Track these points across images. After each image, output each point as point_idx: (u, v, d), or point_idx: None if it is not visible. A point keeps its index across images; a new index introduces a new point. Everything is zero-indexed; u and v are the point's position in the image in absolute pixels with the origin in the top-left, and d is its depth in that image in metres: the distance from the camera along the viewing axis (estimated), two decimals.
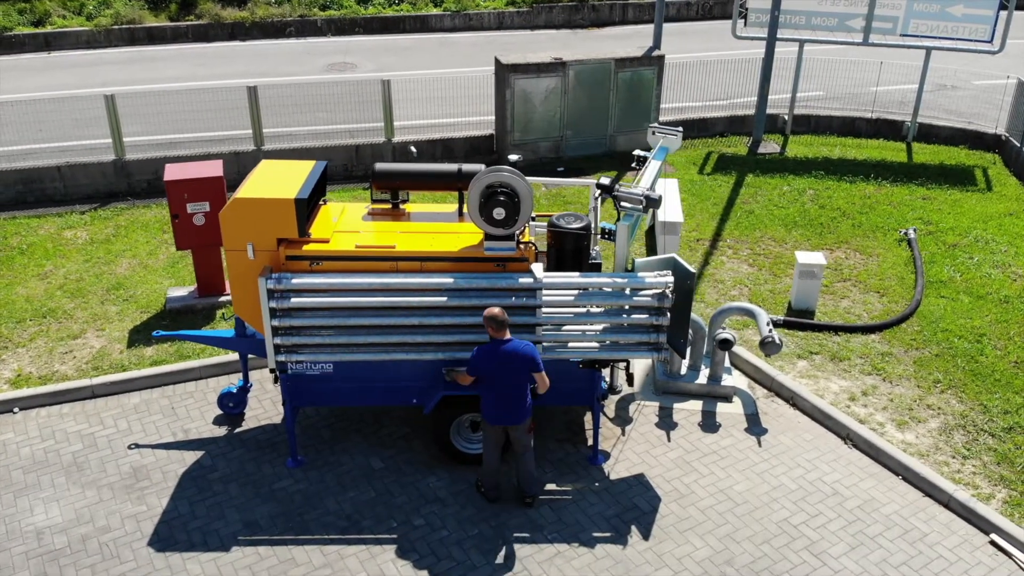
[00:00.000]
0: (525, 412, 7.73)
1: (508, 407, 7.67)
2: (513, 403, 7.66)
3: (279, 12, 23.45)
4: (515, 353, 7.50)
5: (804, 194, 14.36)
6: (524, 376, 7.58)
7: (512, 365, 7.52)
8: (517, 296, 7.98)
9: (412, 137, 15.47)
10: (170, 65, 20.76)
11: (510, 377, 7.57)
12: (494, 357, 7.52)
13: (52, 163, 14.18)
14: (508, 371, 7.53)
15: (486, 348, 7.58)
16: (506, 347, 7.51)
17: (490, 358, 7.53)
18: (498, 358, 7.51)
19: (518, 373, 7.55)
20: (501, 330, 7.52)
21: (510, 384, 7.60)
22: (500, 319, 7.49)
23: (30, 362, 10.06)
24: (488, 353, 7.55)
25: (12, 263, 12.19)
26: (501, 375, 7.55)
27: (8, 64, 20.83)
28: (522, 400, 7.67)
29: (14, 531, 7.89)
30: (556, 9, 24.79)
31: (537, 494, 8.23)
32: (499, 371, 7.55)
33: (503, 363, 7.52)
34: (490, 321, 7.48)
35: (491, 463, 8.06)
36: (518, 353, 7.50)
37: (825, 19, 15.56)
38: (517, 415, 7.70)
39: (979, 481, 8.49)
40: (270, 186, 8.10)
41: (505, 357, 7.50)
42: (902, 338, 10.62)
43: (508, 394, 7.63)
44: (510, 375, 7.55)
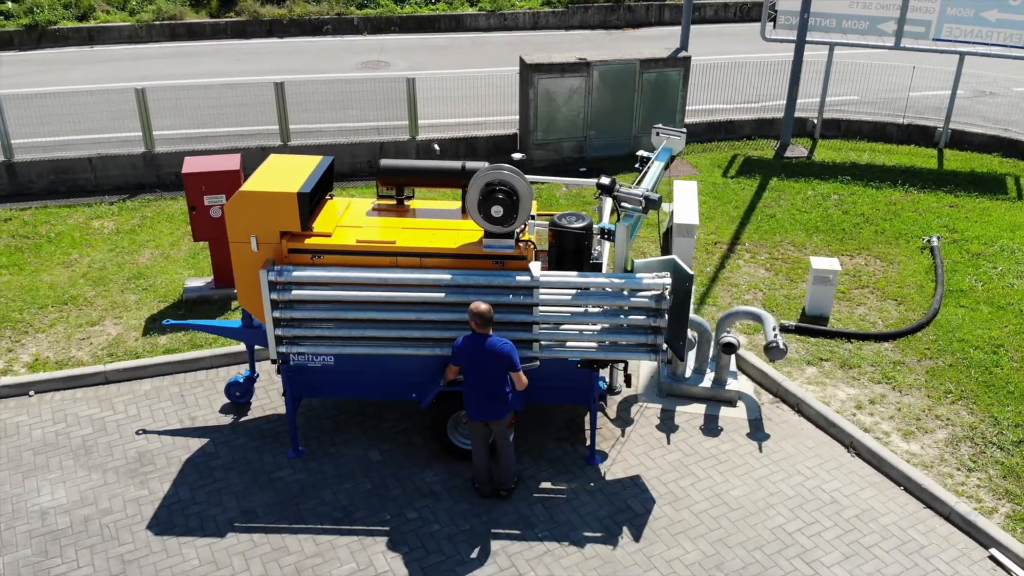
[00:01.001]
0: (505, 408, 7.80)
1: (487, 402, 7.77)
2: (492, 398, 7.74)
3: (316, 10, 23.73)
4: (492, 350, 7.59)
5: (828, 199, 14.17)
6: (502, 372, 7.66)
7: (490, 361, 7.62)
8: (514, 294, 8.01)
9: (436, 135, 15.57)
10: (208, 61, 21.12)
11: (488, 372, 7.65)
12: (474, 350, 7.63)
13: (84, 154, 14.54)
14: (486, 366, 7.63)
15: (469, 339, 7.68)
16: (486, 343, 7.61)
17: (470, 350, 7.64)
18: (477, 352, 7.62)
19: (495, 369, 7.63)
20: (485, 327, 7.59)
21: (488, 380, 7.68)
22: (486, 316, 7.55)
23: (48, 347, 10.34)
24: (469, 345, 7.66)
25: (39, 251, 12.52)
26: (479, 370, 7.66)
27: (52, 57, 21.37)
28: (500, 396, 7.75)
29: (20, 510, 8.12)
30: (592, 9, 24.74)
31: (511, 487, 8.29)
32: (478, 365, 7.66)
33: (481, 358, 7.63)
34: (475, 316, 7.55)
35: (479, 459, 8.12)
36: (495, 350, 7.59)
37: (856, 22, 15.33)
38: (496, 410, 7.79)
39: (983, 494, 8.32)
40: (275, 180, 8.23)
41: (484, 352, 7.60)
42: (916, 347, 10.44)
43: (487, 390, 7.72)
44: (488, 370, 7.64)
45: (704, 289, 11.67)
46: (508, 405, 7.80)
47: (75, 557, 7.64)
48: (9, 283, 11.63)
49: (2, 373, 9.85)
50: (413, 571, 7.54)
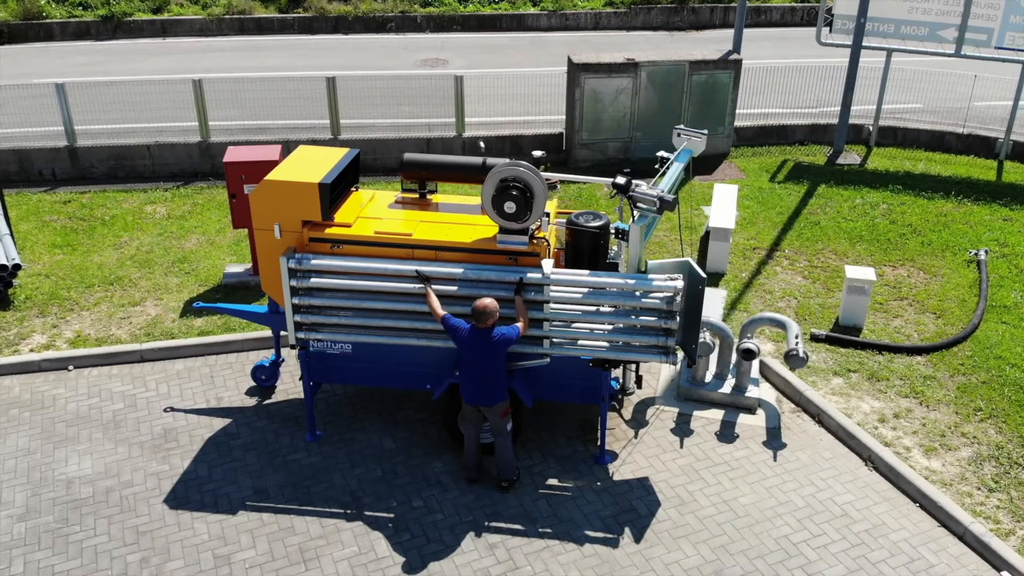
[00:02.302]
0: (497, 395, 7.93)
1: (481, 388, 7.90)
2: (485, 384, 7.88)
3: (381, 7, 24.11)
4: (485, 341, 7.73)
5: (876, 208, 13.84)
6: (497, 359, 7.79)
7: (487, 352, 7.75)
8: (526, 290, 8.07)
9: (483, 133, 15.69)
10: (273, 55, 21.65)
11: (478, 362, 7.81)
12: (474, 340, 7.78)
13: (143, 142, 15.09)
14: (483, 356, 7.77)
15: (464, 323, 7.84)
16: (484, 335, 7.76)
17: (471, 339, 7.78)
18: (476, 342, 7.77)
19: (485, 359, 7.76)
20: (481, 321, 7.72)
21: (483, 366, 7.83)
22: (479, 311, 7.68)
23: (91, 324, 10.78)
24: (471, 334, 7.78)
25: (93, 233, 13.05)
26: (476, 358, 7.80)
27: (126, 48, 22.19)
28: (494, 383, 7.88)
29: (47, 478, 8.50)
30: (655, 11, 24.58)
31: (512, 478, 8.37)
32: (475, 354, 7.80)
33: (479, 348, 7.76)
34: (474, 310, 7.72)
35: (470, 442, 8.32)
36: (488, 341, 7.73)
37: (915, 28, 14.92)
38: (489, 396, 7.92)
39: (1001, 516, 8.06)
40: (299, 170, 8.44)
41: (482, 344, 7.75)
42: (950, 362, 10.15)
43: (481, 375, 7.86)
44: (477, 360, 7.80)
45: (737, 294, 11.54)
46: (501, 393, 7.93)
47: (93, 525, 7.97)
48: (62, 263, 12.15)
49: (45, 348, 10.32)
50: (412, 558, 7.67)
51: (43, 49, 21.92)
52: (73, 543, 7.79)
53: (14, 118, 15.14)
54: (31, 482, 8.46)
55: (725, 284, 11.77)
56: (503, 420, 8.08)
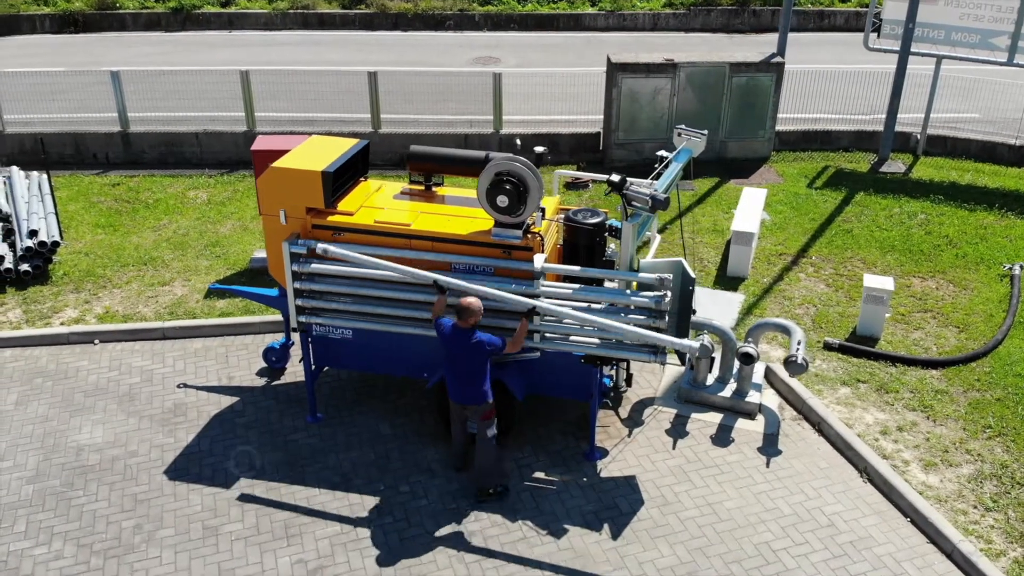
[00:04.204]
0: (477, 396, 7.94)
1: (461, 386, 7.95)
2: (465, 383, 7.92)
3: (440, 5, 24.41)
4: (465, 341, 7.75)
5: (914, 218, 13.48)
6: (477, 361, 7.82)
7: (462, 351, 7.79)
8: (517, 283, 8.16)
9: (521, 130, 15.78)
10: (332, 50, 22.12)
11: (457, 360, 7.88)
12: (455, 340, 7.82)
13: (192, 130, 15.64)
14: (464, 357, 7.83)
15: (447, 322, 7.89)
16: (466, 336, 7.78)
17: (452, 338, 7.83)
18: (457, 342, 7.81)
19: (464, 359, 7.82)
20: (461, 319, 7.76)
21: (457, 367, 7.91)
22: (461, 308, 7.72)
23: (120, 301, 11.26)
24: (453, 333, 7.83)
25: (135, 215, 13.60)
26: (457, 358, 7.86)
27: (193, 39, 22.96)
28: (473, 384, 7.90)
29: (60, 445, 8.95)
30: (714, 12, 24.31)
31: (485, 487, 8.23)
32: (456, 354, 7.86)
33: (460, 349, 7.80)
34: (457, 306, 7.77)
35: (455, 436, 8.44)
36: (468, 342, 7.74)
37: (966, 35, 14.47)
38: (468, 396, 7.95)
39: (994, 536, 7.83)
40: (306, 159, 8.69)
41: (462, 345, 7.78)
42: (966, 377, 9.86)
43: (461, 373, 7.90)
44: (457, 358, 7.87)
45: (755, 299, 11.41)
46: (482, 396, 7.93)
47: (95, 491, 8.37)
48: (102, 242, 12.71)
49: (75, 322, 10.83)
50: (391, 540, 7.85)
51: (115, 39, 22.85)
52: (75, 507, 8.19)
53: (73, 103, 15.87)
54: (44, 447, 8.91)
55: (745, 289, 11.65)
56: (484, 424, 8.05)
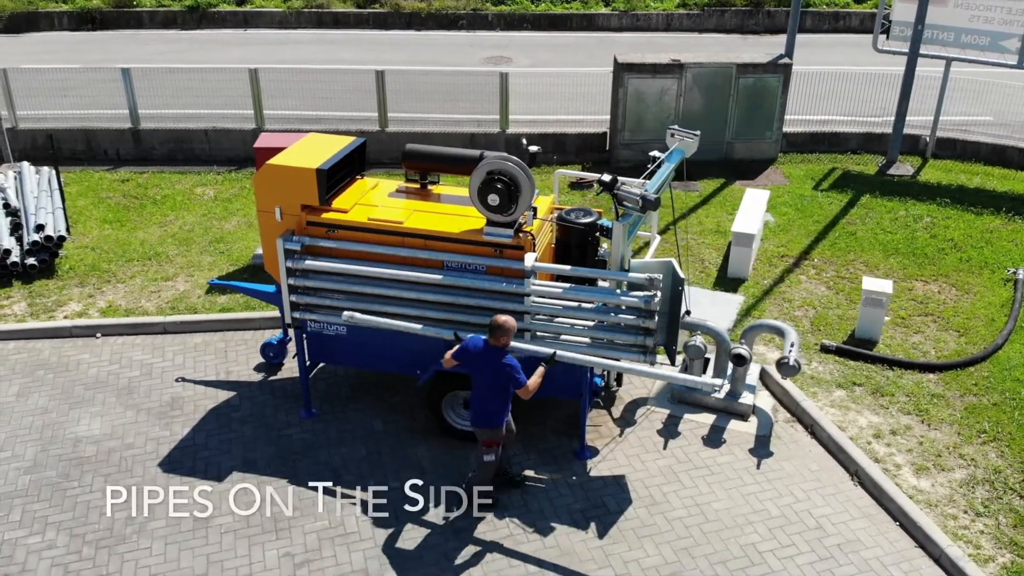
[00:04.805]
0: (481, 420, 7.72)
1: (473, 404, 7.79)
2: (479, 402, 7.70)
3: (454, 5, 24.48)
4: (493, 361, 7.49)
5: (919, 221, 13.39)
6: (492, 385, 7.59)
7: (487, 371, 7.54)
8: (507, 282, 8.20)
9: (528, 130, 15.82)
10: (345, 48, 22.24)
11: (481, 381, 7.65)
12: (476, 353, 7.59)
13: (201, 127, 15.79)
14: (480, 374, 7.61)
15: (476, 340, 7.67)
16: (492, 352, 7.53)
17: (472, 352, 7.61)
18: (478, 356, 7.58)
19: (487, 380, 7.58)
20: (493, 336, 7.50)
21: (480, 388, 7.68)
22: (495, 325, 7.48)
23: (123, 296, 11.40)
24: (474, 346, 7.62)
25: (142, 211, 13.76)
26: (475, 374, 7.69)
27: (209, 37, 23.17)
28: (483, 406, 7.67)
29: (58, 436, 9.07)
30: (728, 13, 24.22)
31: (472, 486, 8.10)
32: (475, 370, 7.66)
33: (479, 363, 7.58)
34: (491, 323, 7.55)
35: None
36: (496, 363, 7.48)
37: (976, 37, 14.34)
38: (477, 415, 7.75)
39: (984, 541, 7.78)
40: (301, 156, 8.77)
41: (483, 361, 7.54)
42: (963, 382, 9.80)
43: (476, 394, 7.72)
44: (481, 379, 7.63)
45: (754, 301, 11.38)
46: (488, 421, 7.68)
47: (90, 482, 8.48)
48: (108, 237, 12.86)
49: (78, 315, 10.97)
50: (377, 535, 7.90)
51: (131, 36, 23.10)
52: (69, 497, 8.31)
53: (85, 100, 16.06)
54: (43, 439, 9.03)
55: (744, 290, 11.62)
56: (483, 449, 7.82)
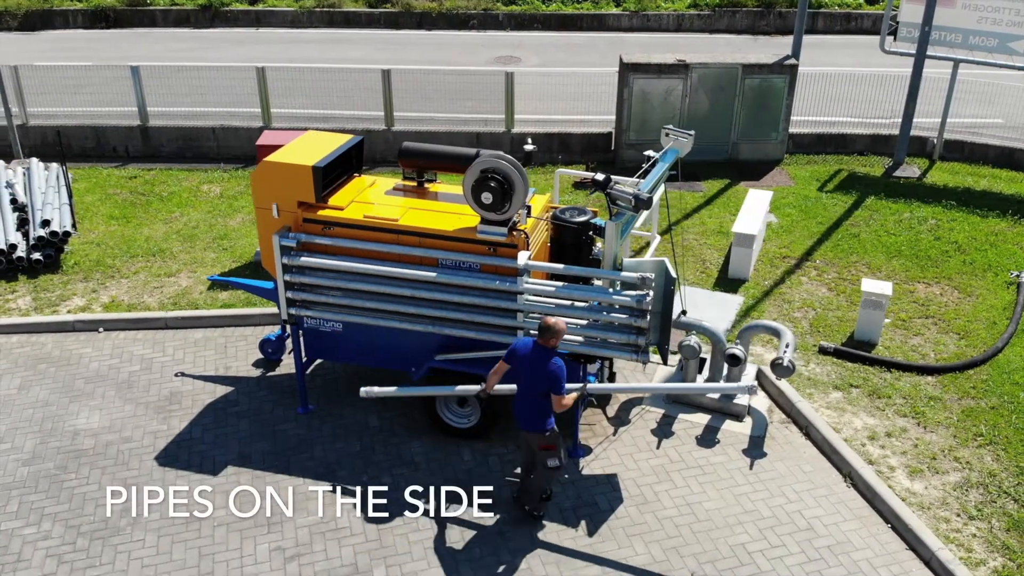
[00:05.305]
0: (534, 423, 7.61)
1: (521, 409, 7.67)
2: (525, 407, 7.63)
3: (465, 5, 24.52)
4: (540, 362, 7.41)
5: (923, 223, 13.31)
6: (539, 387, 7.46)
7: (533, 372, 7.45)
8: (501, 280, 8.22)
9: (533, 130, 15.84)
10: (356, 47, 22.32)
11: (528, 382, 7.55)
12: (531, 359, 7.48)
13: (209, 124, 15.91)
14: (528, 375, 7.52)
15: (526, 341, 7.64)
16: (540, 352, 7.45)
17: (527, 358, 7.50)
18: (533, 362, 7.47)
19: (534, 382, 7.48)
20: (543, 337, 7.44)
21: (526, 389, 7.59)
22: (545, 327, 7.41)
23: (126, 291, 11.51)
24: (524, 346, 7.56)
25: (148, 207, 13.88)
26: (522, 375, 7.58)
27: (221, 36, 23.32)
28: (532, 409, 7.57)
29: (57, 429, 9.17)
30: (739, 14, 24.13)
31: (533, 509, 8.04)
32: (527, 375, 7.54)
33: (528, 364, 7.48)
34: (541, 325, 7.49)
35: (522, 465, 8.23)
36: (543, 365, 7.39)
37: (984, 39, 14.24)
38: (525, 421, 7.66)
39: (976, 544, 7.74)
40: (298, 154, 8.83)
41: (531, 361, 7.46)
42: (962, 385, 9.74)
43: (523, 397, 7.63)
44: (528, 380, 7.54)
45: (754, 302, 11.36)
46: (540, 424, 7.59)
47: (87, 475, 8.57)
48: (114, 233, 12.99)
49: (81, 310, 11.09)
50: (369, 531, 7.95)
51: (144, 35, 23.28)
52: (66, 489, 8.40)
53: (95, 98, 16.22)
54: (42, 431, 9.14)
55: (744, 291, 11.60)
56: (544, 454, 7.69)
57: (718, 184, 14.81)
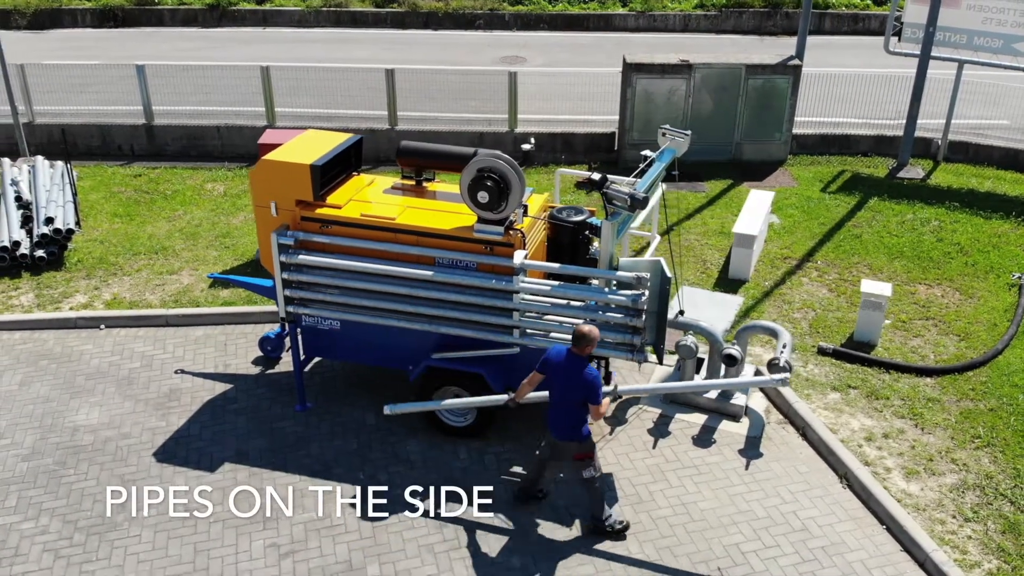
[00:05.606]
0: (569, 433, 7.53)
1: (555, 418, 7.59)
2: (559, 417, 7.55)
3: (471, 5, 24.55)
4: (575, 371, 7.32)
5: (926, 225, 13.27)
6: (573, 396, 7.38)
7: (568, 381, 7.37)
8: (497, 279, 8.24)
9: (537, 130, 15.85)
10: (362, 47, 22.38)
11: (561, 391, 7.47)
12: (559, 363, 7.43)
13: (214, 123, 15.98)
14: (562, 384, 7.43)
15: (559, 349, 7.53)
16: (574, 361, 7.36)
17: (561, 366, 7.41)
18: (567, 370, 7.38)
19: (568, 390, 7.39)
20: (577, 346, 7.34)
21: (559, 398, 7.51)
22: (579, 335, 7.31)
23: (129, 288, 11.58)
24: (557, 355, 7.47)
25: (152, 205, 13.95)
26: (556, 384, 7.50)
27: (228, 35, 23.43)
28: (566, 418, 7.50)
29: (57, 425, 9.24)
30: (746, 14, 24.10)
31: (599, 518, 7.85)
32: (556, 379, 7.47)
33: (562, 373, 7.40)
34: (575, 333, 7.37)
35: (533, 466, 8.14)
36: (577, 373, 7.31)
37: (988, 40, 14.19)
38: (559, 431, 7.58)
39: (970, 547, 7.72)
40: (297, 152, 8.87)
41: (565, 370, 7.37)
42: (961, 386, 9.71)
43: (557, 406, 7.56)
44: (561, 389, 7.45)
45: (753, 302, 11.34)
46: (572, 433, 7.52)
47: (86, 471, 8.63)
48: (118, 231, 13.07)
49: (83, 307, 11.16)
50: (363, 527, 7.98)
51: (152, 34, 23.40)
52: (64, 484, 8.46)
53: (101, 96, 16.31)
54: (42, 427, 9.20)
55: (745, 292, 11.58)
56: (578, 464, 7.64)
57: (721, 184, 14.80)
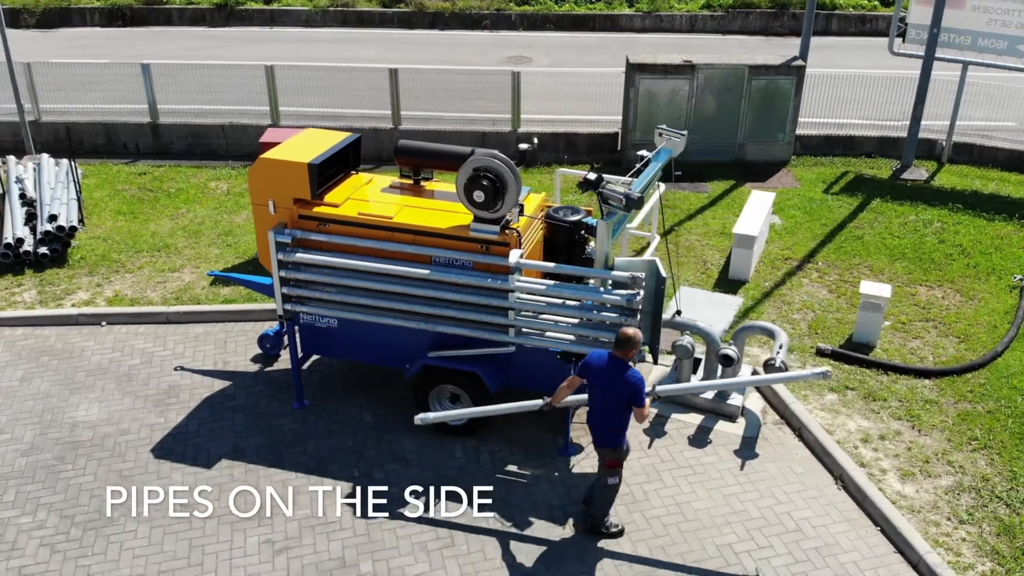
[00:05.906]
0: (608, 439, 7.48)
1: (596, 424, 7.54)
2: (599, 422, 7.50)
3: (478, 5, 24.57)
4: (617, 374, 7.24)
5: (928, 226, 13.23)
6: (615, 400, 7.32)
7: (609, 385, 7.31)
8: (492, 278, 8.27)
9: (540, 129, 15.86)
10: (369, 47, 22.42)
11: (601, 395, 7.39)
12: (600, 367, 7.35)
13: (218, 122, 16.05)
14: (602, 388, 7.37)
15: (600, 353, 7.46)
16: (616, 364, 7.29)
17: (596, 365, 7.37)
18: (608, 374, 7.31)
19: (609, 394, 7.33)
20: (620, 349, 7.27)
21: (599, 402, 7.43)
22: (623, 339, 7.25)
23: (130, 286, 11.64)
24: (598, 359, 7.40)
25: (156, 203, 14.03)
26: (595, 389, 7.44)
27: (235, 35, 23.51)
28: (608, 424, 7.43)
29: (56, 420, 9.31)
30: (753, 15, 24.05)
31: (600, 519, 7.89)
32: (597, 384, 7.41)
33: (602, 377, 7.34)
34: (619, 336, 7.31)
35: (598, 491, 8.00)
36: (620, 377, 7.23)
37: (993, 41, 14.13)
38: (599, 437, 7.52)
39: (964, 549, 7.69)
40: (295, 151, 8.91)
41: (607, 374, 7.30)
42: (959, 388, 9.68)
43: (597, 411, 7.50)
44: (601, 393, 7.38)
45: (753, 303, 11.33)
46: (609, 440, 7.47)
47: (84, 466, 8.69)
48: (121, 228, 13.14)
49: (85, 304, 11.23)
50: (357, 525, 8.02)
51: (160, 33, 23.50)
52: (62, 479, 8.53)
53: (107, 95, 16.40)
54: (42, 422, 9.27)
55: (744, 292, 11.57)
56: (609, 471, 7.61)
57: (723, 185, 14.78)
